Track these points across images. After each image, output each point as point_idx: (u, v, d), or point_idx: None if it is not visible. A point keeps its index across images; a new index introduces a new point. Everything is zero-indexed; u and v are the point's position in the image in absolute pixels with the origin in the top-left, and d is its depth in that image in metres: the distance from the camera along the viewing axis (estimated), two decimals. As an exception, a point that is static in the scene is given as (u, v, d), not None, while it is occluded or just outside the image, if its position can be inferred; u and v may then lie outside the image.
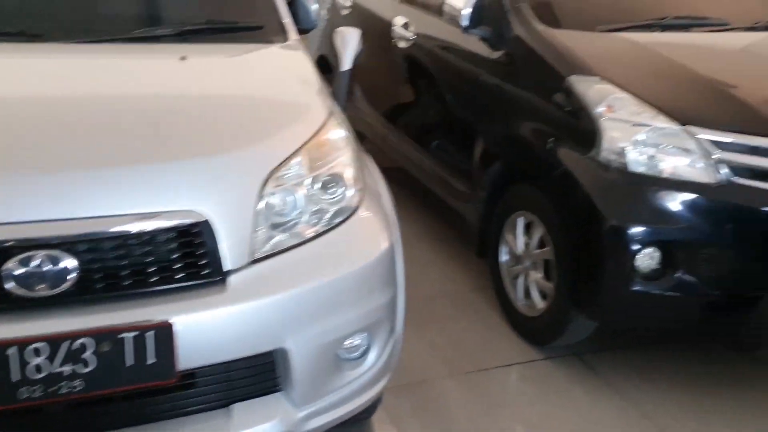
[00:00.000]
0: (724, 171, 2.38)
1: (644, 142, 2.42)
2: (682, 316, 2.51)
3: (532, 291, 2.87)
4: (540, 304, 2.83)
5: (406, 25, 3.79)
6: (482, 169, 3.09)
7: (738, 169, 2.38)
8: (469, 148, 3.18)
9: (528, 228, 2.86)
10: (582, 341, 2.80)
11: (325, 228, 1.82)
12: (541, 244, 2.77)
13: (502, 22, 3.01)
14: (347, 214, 1.87)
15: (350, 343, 1.86)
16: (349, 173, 1.91)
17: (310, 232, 1.79)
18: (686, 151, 2.40)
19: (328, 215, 1.84)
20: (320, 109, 2.04)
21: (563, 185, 2.59)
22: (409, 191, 4.25)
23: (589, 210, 2.46)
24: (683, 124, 2.41)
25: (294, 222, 1.78)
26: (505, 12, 3.01)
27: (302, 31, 2.72)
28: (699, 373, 2.76)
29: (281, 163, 1.79)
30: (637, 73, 2.66)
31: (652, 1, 3.18)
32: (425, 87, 3.64)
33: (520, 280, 2.93)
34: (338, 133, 1.99)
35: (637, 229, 2.38)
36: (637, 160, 2.42)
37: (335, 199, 1.86)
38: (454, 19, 3.07)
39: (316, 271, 1.75)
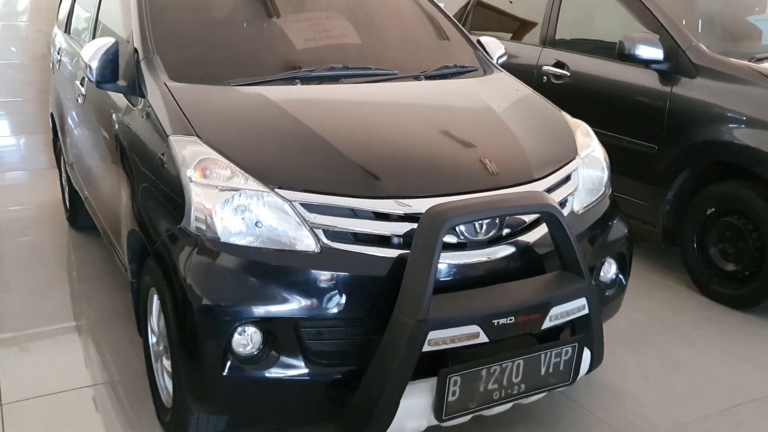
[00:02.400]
0: (321, 236, 2.14)
1: (234, 208, 2.15)
2: (298, 399, 2.23)
3: (166, 378, 2.54)
4: (172, 393, 2.49)
5: (83, 81, 3.44)
6: (125, 239, 2.75)
7: (333, 234, 2.15)
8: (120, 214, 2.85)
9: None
10: (231, 428, 2.48)
11: None
12: (171, 324, 2.44)
13: (136, 76, 2.71)
14: None
15: None
16: None
17: None
18: (280, 217, 2.15)
19: None
20: None
21: (162, 259, 2.28)
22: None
23: (182, 287, 2.16)
24: (274, 187, 2.16)
25: None
26: (137, 65, 2.71)
27: None
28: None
29: None
30: (245, 132, 2.41)
31: (306, 51, 2.97)
32: (96, 147, 3.29)
33: (159, 365, 2.59)
34: None
35: (231, 308, 2.10)
36: (227, 229, 2.14)
37: None
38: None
39: None
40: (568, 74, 4.43)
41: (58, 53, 4.26)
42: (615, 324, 3.42)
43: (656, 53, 3.83)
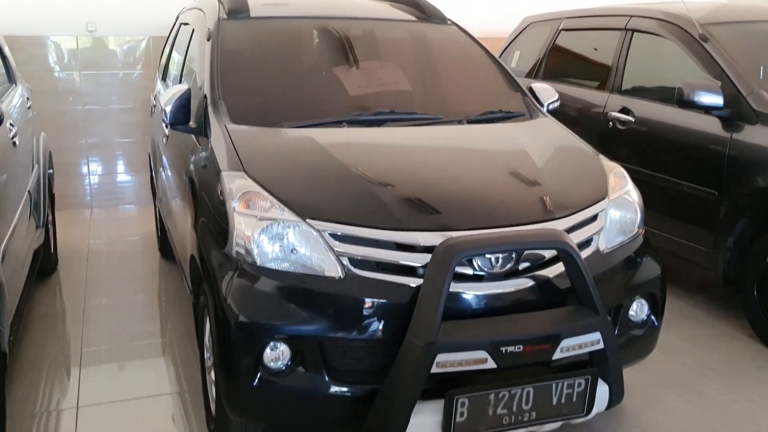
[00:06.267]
0: (346, 263, 2.35)
1: (270, 236, 2.40)
2: (323, 412, 2.42)
3: (213, 389, 2.79)
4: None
5: (168, 123, 3.85)
6: (188, 263, 3.07)
7: (357, 262, 2.35)
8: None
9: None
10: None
11: None
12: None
13: (204, 119, 3.05)
14: None
15: None
16: None
17: None
18: (311, 245, 2.37)
19: None
20: None
21: (208, 280, 2.56)
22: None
23: (222, 305, 2.42)
24: (306, 217, 2.40)
25: None
26: (205, 109, 3.06)
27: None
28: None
29: None
30: (286, 168, 2.67)
31: (358, 98, 3.23)
32: (174, 182, 3.66)
33: (209, 378, 2.85)
34: None
35: (263, 326, 2.33)
36: (263, 253, 2.39)
37: None
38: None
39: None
40: (633, 120, 4.49)
41: (155, 99, 4.74)
42: (663, 368, 3.44)
43: (716, 99, 3.85)
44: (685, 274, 4.61)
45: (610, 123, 4.67)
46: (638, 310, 2.78)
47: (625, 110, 4.59)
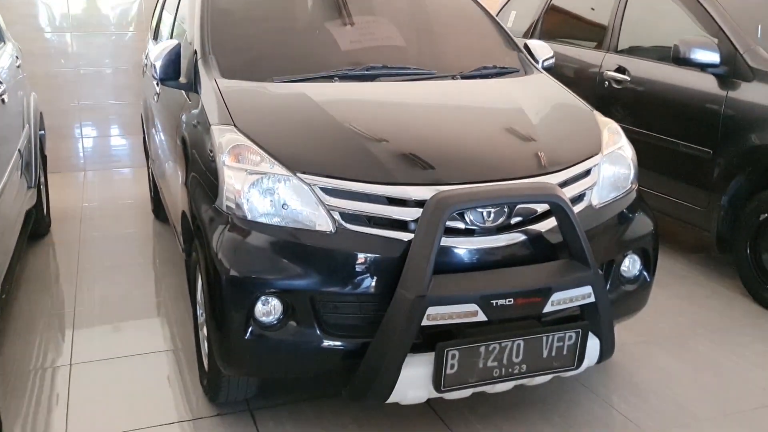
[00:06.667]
0: (337, 218, 2.34)
1: (260, 190, 2.38)
2: (314, 366, 2.43)
3: (206, 345, 2.80)
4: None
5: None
6: (180, 221, 3.05)
7: (348, 216, 2.34)
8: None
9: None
10: (263, 396, 2.76)
11: None
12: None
13: (194, 74, 3.02)
14: None
15: None
16: None
17: None
18: (302, 199, 2.36)
19: None
20: None
21: (199, 236, 2.55)
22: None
23: (213, 260, 2.41)
24: (297, 171, 2.38)
25: None
26: (195, 64, 3.02)
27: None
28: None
29: None
30: (277, 122, 2.64)
31: (350, 53, 3.19)
32: (165, 140, 3.63)
33: (201, 334, 2.86)
34: None
35: (254, 280, 2.32)
36: (253, 208, 2.38)
37: None
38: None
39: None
40: (629, 79, 4.45)
41: (146, 58, 4.68)
42: (655, 326, 3.46)
43: (712, 57, 3.82)
44: (680, 234, 4.61)
45: (606, 82, 4.63)
46: (630, 265, 2.78)
47: (620, 69, 4.55)
